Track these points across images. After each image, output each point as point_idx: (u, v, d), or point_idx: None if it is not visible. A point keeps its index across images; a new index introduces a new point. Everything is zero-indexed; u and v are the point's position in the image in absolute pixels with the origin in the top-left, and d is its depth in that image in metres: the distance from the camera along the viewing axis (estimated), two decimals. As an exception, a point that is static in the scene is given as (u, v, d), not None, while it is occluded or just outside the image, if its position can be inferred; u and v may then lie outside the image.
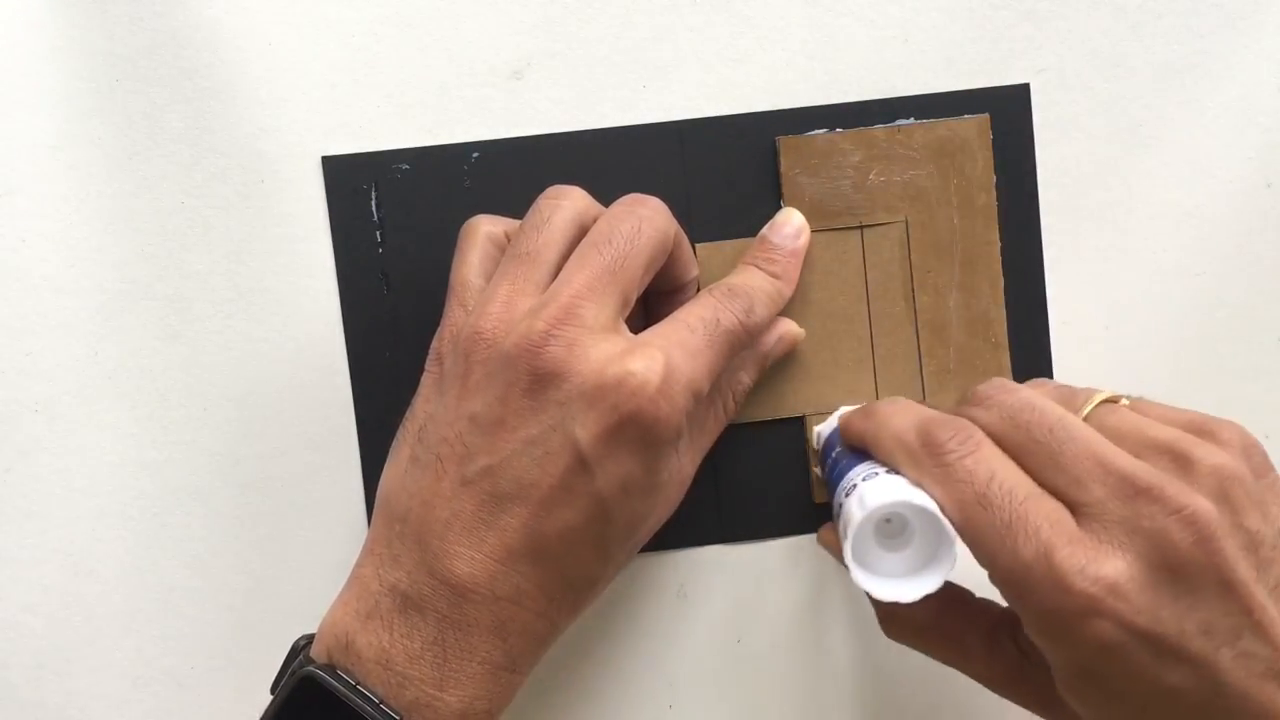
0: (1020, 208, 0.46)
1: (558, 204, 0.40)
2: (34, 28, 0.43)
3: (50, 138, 0.44)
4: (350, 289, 0.45)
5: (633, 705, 0.46)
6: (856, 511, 0.36)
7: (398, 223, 0.45)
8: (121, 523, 0.45)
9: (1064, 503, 0.34)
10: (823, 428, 0.45)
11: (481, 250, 0.41)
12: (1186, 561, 0.32)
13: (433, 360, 0.40)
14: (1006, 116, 0.46)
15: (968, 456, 0.35)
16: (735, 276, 0.43)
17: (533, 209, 0.40)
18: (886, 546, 0.37)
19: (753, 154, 0.45)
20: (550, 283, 0.38)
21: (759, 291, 0.42)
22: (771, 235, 0.44)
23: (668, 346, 0.37)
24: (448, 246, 0.42)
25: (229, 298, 0.45)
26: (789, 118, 0.45)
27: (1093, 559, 0.33)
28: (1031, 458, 0.35)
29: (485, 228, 0.41)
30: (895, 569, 0.37)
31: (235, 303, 0.45)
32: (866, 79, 0.45)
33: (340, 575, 0.39)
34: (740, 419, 0.45)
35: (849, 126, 0.45)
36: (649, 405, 0.36)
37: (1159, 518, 0.33)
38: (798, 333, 0.45)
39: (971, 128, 0.45)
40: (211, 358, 0.45)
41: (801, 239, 0.45)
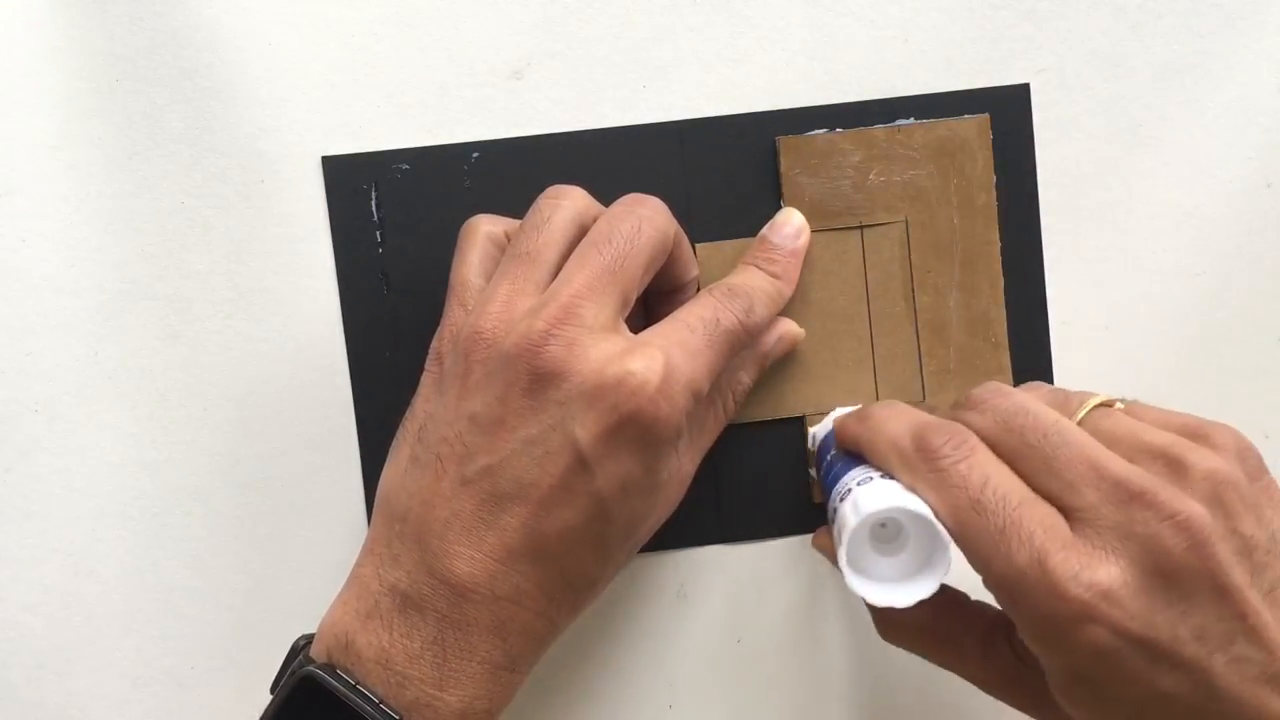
0: (1020, 208, 0.46)
1: (558, 204, 0.40)
2: (34, 28, 0.43)
3: (50, 138, 0.44)
4: (350, 289, 0.45)
5: (633, 705, 0.46)
6: (851, 517, 0.36)
7: (398, 223, 0.45)
8: (121, 523, 0.45)
9: (1058, 508, 0.34)
10: (817, 430, 0.45)
11: (481, 250, 0.41)
12: (1180, 567, 0.32)
13: (432, 360, 0.40)
14: (1006, 116, 0.46)
15: (962, 461, 0.35)
16: (735, 276, 0.43)
17: (533, 209, 0.40)
18: (881, 551, 0.37)
19: (753, 154, 0.45)
20: (550, 282, 0.38)
21: (759, 291, 0.42)
22: (771, 235, 0.44)
23: (667, 346, 0.37)
24: (448, 246, 0.42)
25: (229, 298, 0.45)
26: (789, 118, 0.45)
27: (1086, 565, 0.33)
28: (1025, 462, 0.35)
29: (485, 227, 0.41)
30: (890, 573, 0.37)
31: (235, 303, 0.45)
32: (866, 79, 0.45)
33: (340, 575, 0.39)
34: (740, 419, 0.45)
35: (849, 126, 0.45)
36: (649, 405, 0.36)
37: (1153, 523, 0.33)
38: (798, 333, 0.45)
39: (971, 128, 0.45)
40: (211, 358, 0.45)
41: (801, 239, 0.45)
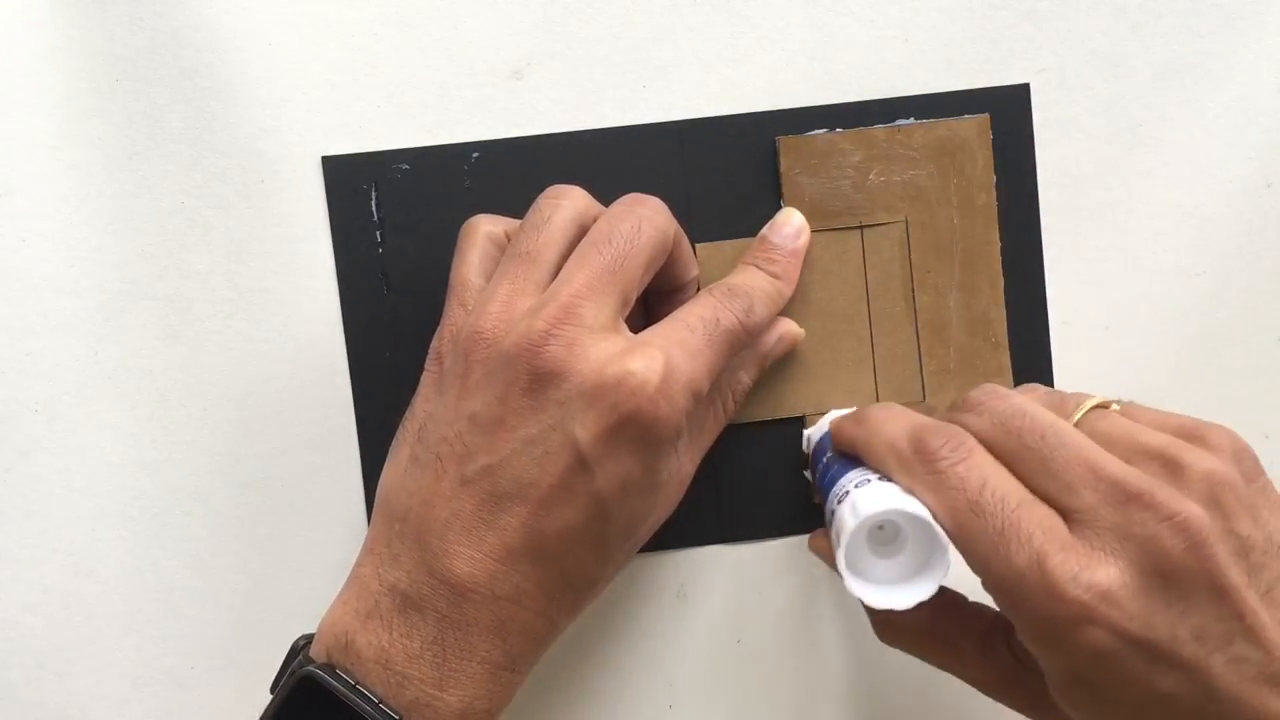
0: (1020, 208, 0.46)
1: (558, 204, 0.40)
2: (34, 28, 0.43)
3: (50, 138, 0.44)
4: (350, 289, 0.45)
5: (633, 705, 0.46)
6: (849, 519, 0.36)
7: (398, 223, 0.45)
8: (121, 523, 0.45)
9: (1056, 509, 0.34)
10: (812, 431, 0.45)
11: (481, 250, 0.41)
12: (1178, 568, 0.32)
13: (432, 360, 0.40)
14: (1006, 116, 0.46)
15: (960, 463, 0.35)
16: (735, 276, 0.43)
17: (533, 209, 0.40)
18: (879, 553, 0.37)
19: (753, 154, 0.45)
20: (550, 282, 0.38)
21: (759, 291, 0.42)
22: (771, 235, 0.44)
23: (667, 346, 0.37)
24: (448, 246, 0.42)
25: (229, 298, 0.45)
26: (789, 118, 0.45)
27: (1085, 566, 0.32)
28: (1023, 464, 0.35)
29: (485, 227, 0.41)
30: (888, 575, 0.37)
31: (235, 303, 0.45)
32: (866, 79, 0.45)
33: (340, 575, 0.39)
34: (740, 419, 0.45)
35: (849, 126, 0.45)
36: (648, 405, 0.36)
37: (1151, 524, 0.32)
38: (798, 332, 0.45)
39: (971, 128, 0.45)
40: (211, 358, 0.45)
41: (801, 239, 0.44)
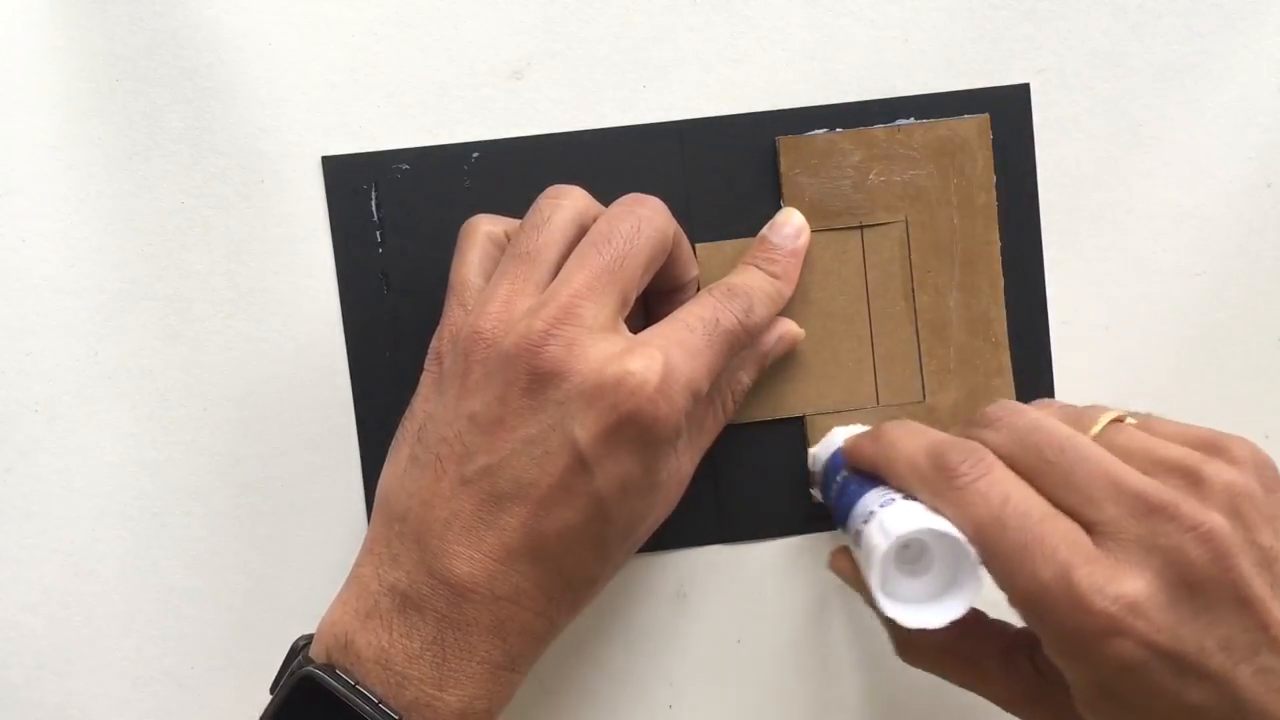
0: (1020, 208, 0.46)
1: (558, 204, 0.40)
2: (34, 28, 0.43)
3: (50, 138, 0.44)
4: (350, 289, 0.45)
5: (633, 705, 0.46)
6: (879, 540, 0.35)
7: (398, 223, 0.45)
8: (121, 523, 0.45)
9: (1078, 523, 0.34)
10: (819, 450, 0.45)
11: (481, 250, 0.41)
12: (1204, 579, 0.32)
13: (432, 360, 0.40)
14: (1006, 116, 0.46)
15: (980, 479, 0.35)
16: (735, 276, 0.43)
17: (533, 209, 0.40)
18: (905, 572, 0.37)
19: (753, 154, 0.45)
20: (550, 282, 0.38)
21: (759, 291, 0.42)
22: (771, 235, 0.44)
23: (667, 346, 0.37)
24: (448, 246, 0.42)
25: (229, 298, 0.45)
26: (789, 118, 0.45)
27: (1111, 578, 0.32)
28: (1044, 478, 0.35)
29: (485, 227, 0.41)
30: (915, 595, 0.36)
31: (235, 303, 0.45)
32: (866, 79, 0.45)
33: (340, 575, 0.39)
34: (740, 419, 0.45)
35: (849, 126, 0.45)
36: (648, 405, 0.36)
37: (1175, 535, 0.32)
38: (797, 332, 0.45)
39: (971, 128, 0.45)
40: (211, 358, 0.45)
41: (801, 239, 0.44)
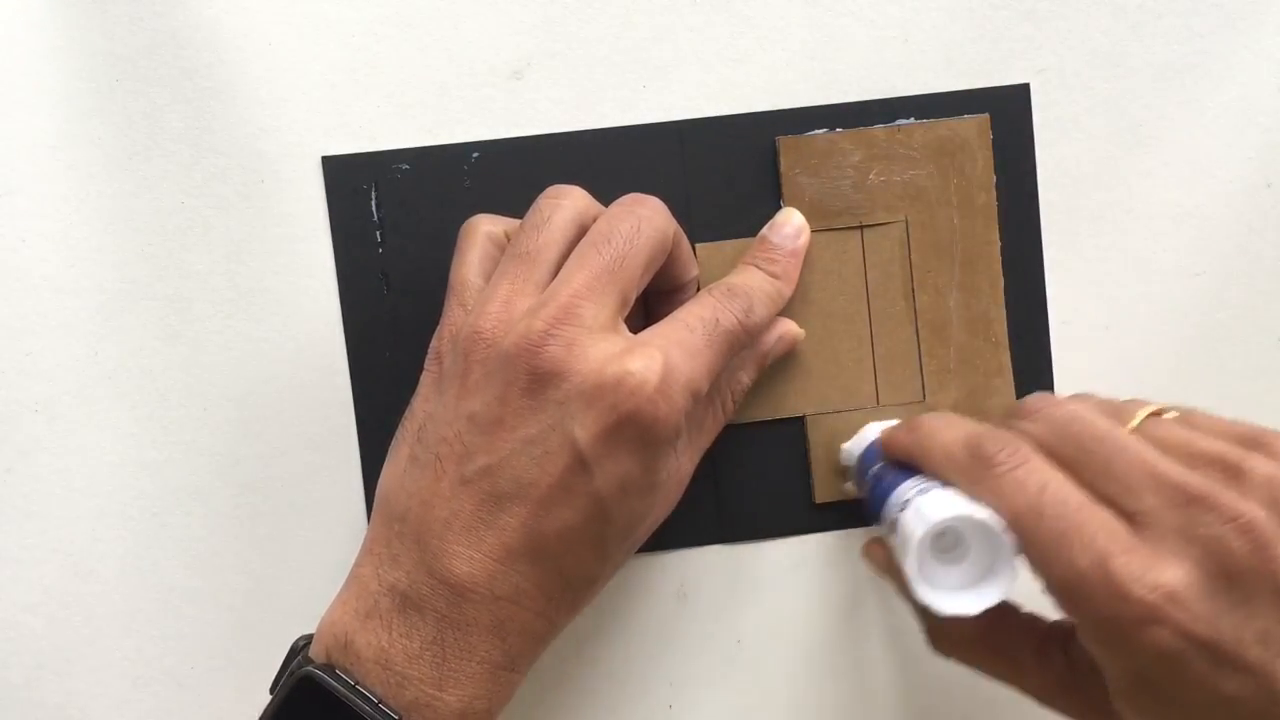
0: (1020, 208, 0.46)
1: (558, 204, 0.40)
2: (34, 28, 0.43)
3: (50, 138, 0.44)
4: (350, 289, 0.45)
5: (633, 705, 0.46)
6: (916, 525, 0.36)
7: (398, 223, 0.45)
8: (121, 523, 0.45)
9: (1116, 512, 0.34)
10: (852, 445, 0.45)
11: (481, 250, 0.41)
12: (1243, 569, 0.32)
13: (432, 359, 0.40)
14: (1006, 116, 0.46)
15: (1019, 468, 0.35)
16: (735, 276, 0.43)
17: (533, 209, 0.40)
18: (940, 560, 0.37)
19: (753, 154, 0.45)
20: (550, 282, 0.38)
21: (759, 291, 0.42)
22: (771, 235, 0.44)
23: (666, 346, 0.37)
24: (448, 246, 0.42)
25: (229, 298, 0.45)
26: (789, 118, 0.45)
27: (1150, 566, 0.32)
28: (1082, 469, 0.35)
29: (485, 227, 0.41)
30: (952, 582, 0.36)
31: (235, 303, 0.45)
32: (866, 79, 0.45)
33: (340, 575, 0.39)
34: (740, 419, 0.45)
35: (849, 126, 0.45)
36: (647, 405, 0.36)
37: (1214, 525, 0.32)
38: (797, 332, 0.45)
39: (971, 128, 0.45)
40: (211, 358, 0.45)
41: (801, 239, 0.44)
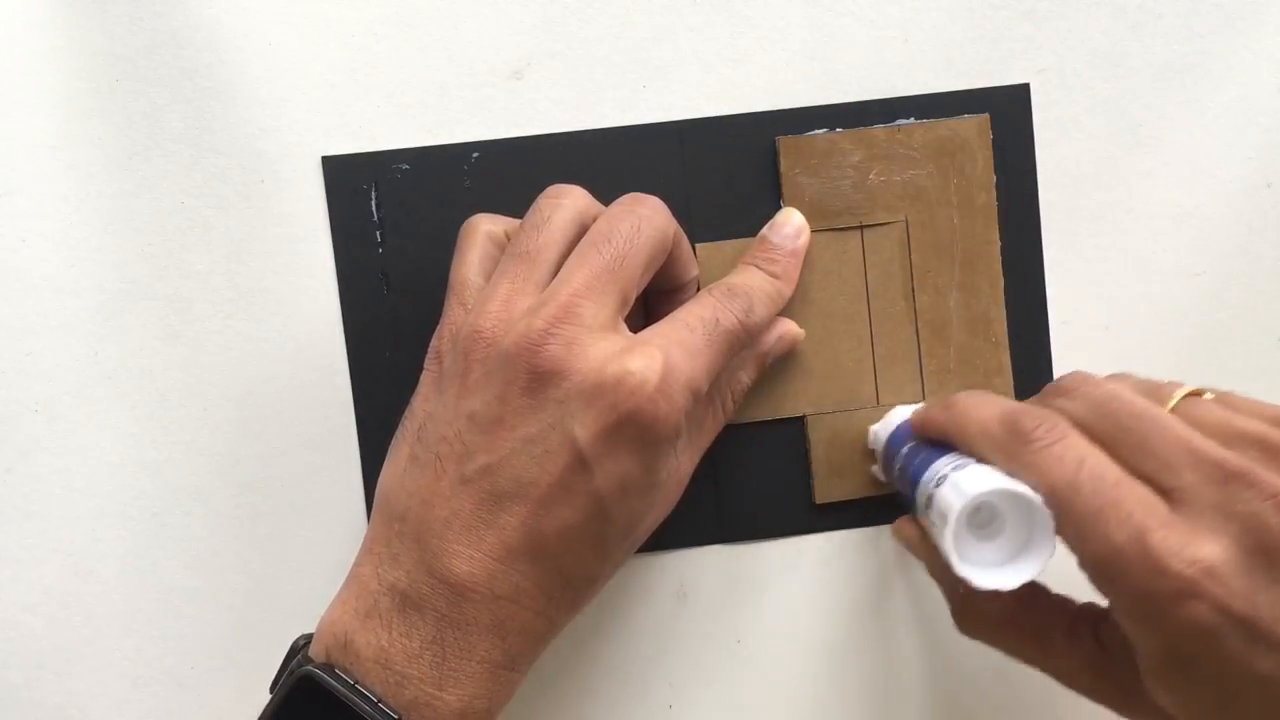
0: (1020, 208, 0.46)
1: (558, 203, 0.40)
2: (34, 28, 0.43)
3: (50, 138, 0.44)
4: (350, 289, 0.45)
5: (633, 705, 0.46)
6: (954, 500, 0.36)
7: (398, 223, 0.45)
8: (121, 523, 0.45)
9: (1154, 489, 0.34)
10: (879, 427, 0.45)
11: (481, 249, 0.41)
12: None
13: (432, 359, 0.40)
14: (1006, 116, 0.46)
15: (1056, 444, 0.35)
16: (735, 276, 0.43)
17: (533, 208, 0.40)
18: (976, 536, 0.37)
19: (753, 154, 0.45)
20: (550, 282, 0.38)
21: (759, 291, 0.42)
22: (771, 235, 0.44)
23: (667, 345, 0.37)
24: (448, 246, 0.42)
25: (229, 298, 0.45)
26: (789, 118, 0.45)
27: (1188, 542, 0.32)
28: (1120, 446, 0.35)
29: (485, 227, 0.41)
30: (987, 559, 0.36)
31: (235, 303, 0.45)
32: (866, 79, 0.45)
33: (340, 575, 0.39)
34: (740, 419, 0.45)
35: (849, 126, 0.45)
36: (647, 404, 0.36)
37: (1253, 501, 0.32)
38: (797, 332, 0.45)
39: (971, 128, 0.45)
40: (211, 358, 0.45)
41: (801, 239, 0.45)
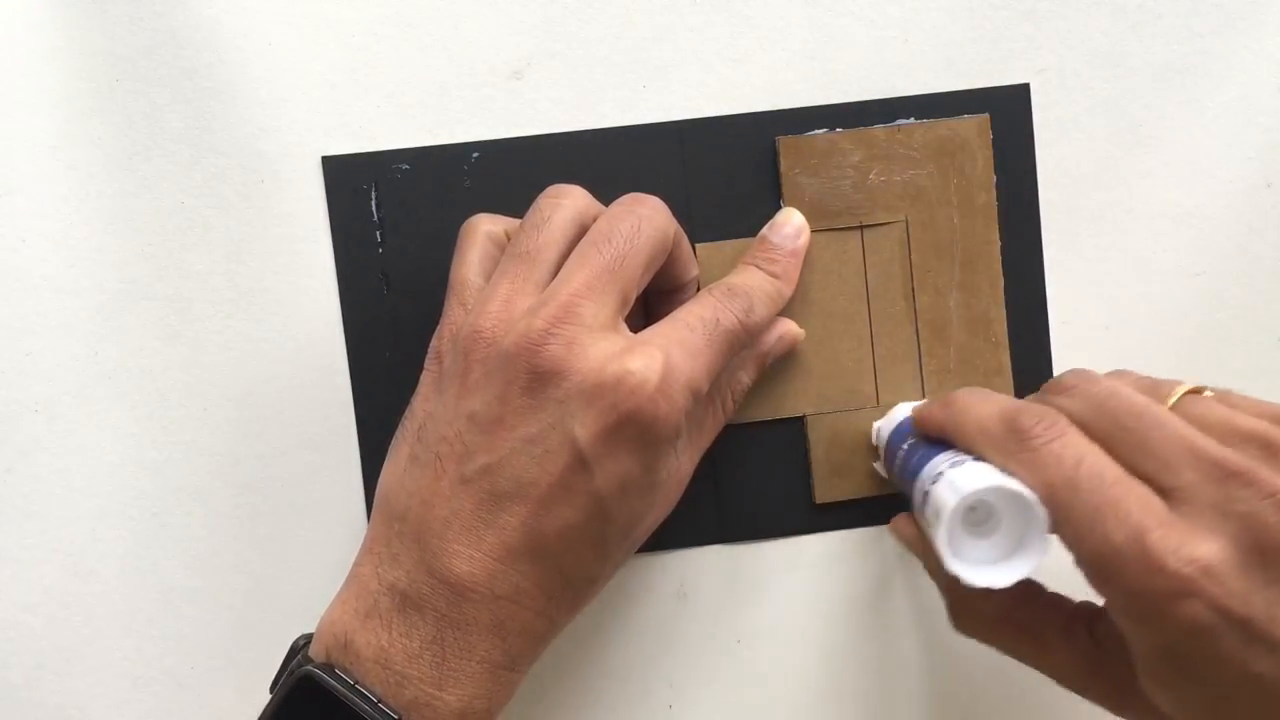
0: (1020, 208, 0.46)
1: (558, 203, 0.40)
2: (34, 28, 0.43)
3: (50, 138, 0.44)
4: (350, 289, 0.45)
5: (633, 705, 0.46)
6: (949, 497, 0.36)
7: (398, 223, 0.45)
8: (121, 523, 0.45)
9: (1153, 488, 0.34)
10: (883, 424, 0.45)
11: (481, 249, 0.41)
12: (1279, 546, 0.32)
13: (432, 359, 0.40)
14: (1006, 116, 0.46)
15: (1054, 441, 0.35)
16: (735, 276, 0.43)
17: (533, 208, 0.40)
18: (971, 534, 0.37)
19: (753, 154, 0.45)
20: (550, 282, 0.38)
21: (759, 291, 0.42)
22: (771, 235, 0.44)
23: (667, 345, 0.37)
24: (448, 246, 0.42)
25: (229, 298, 0.45)
26: (789, 118, 0.45)
27: (1185, 540, 0.32)
28: (1119, 444, 0.35)
29: (485, 226, 0.41)
30: (982, 556, 0.36)
31: (235, 303, 0.45)
32: (866, 79, 0.45)
33: (340, 575, 0.39)
34: (740, 419, 0.45)
35: (849, 126, 0.45)
36: (648, 404, 0.36)
37: (1252, 500, 0.32)
38: (797, 332, 0.45)
39: (971, 128, 0.45)
40: (211, 358, 0.45)
41: (801, 239, 0.45)
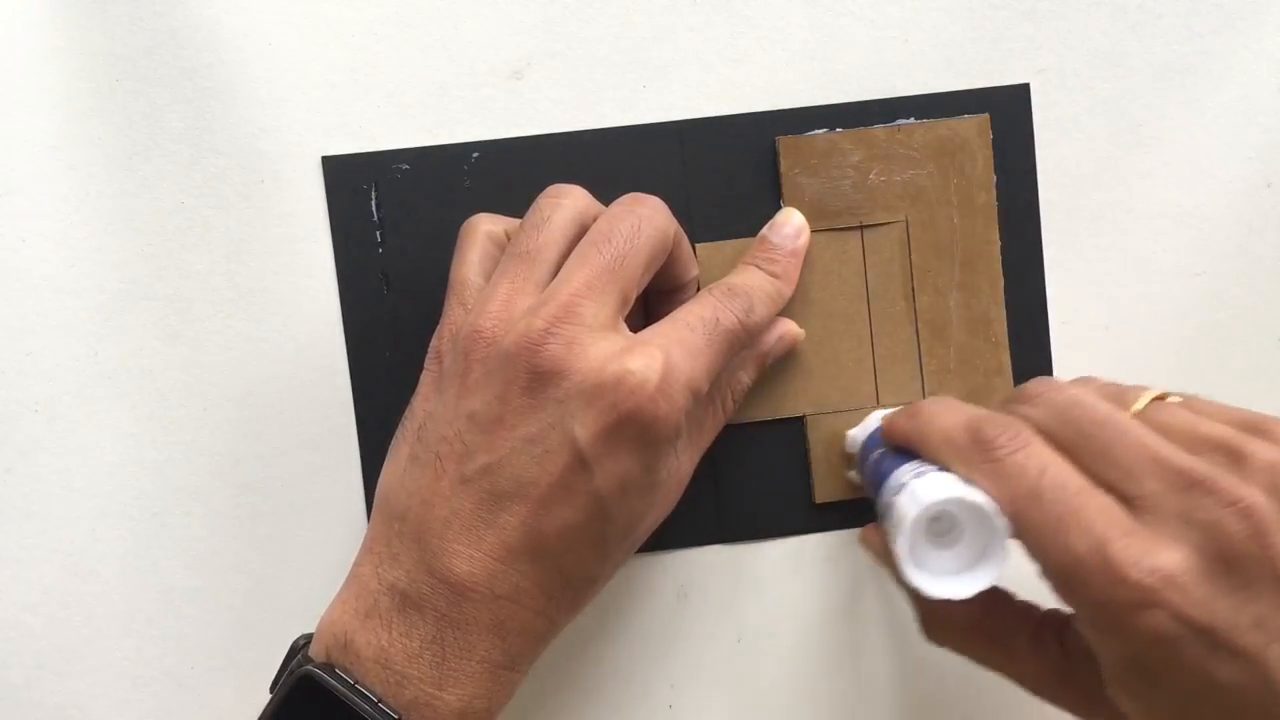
0: (1020, 208, 0.46)
1: (558, 203, 0.40)
2: (34, 28, 0.43)
3: (50, 138, 0.44)
4: (350, 289, 0.45)
5: (633, 705, 0.46)
6: (909, 508, 0.36)
7: (398, 223, 0.45)
8: (121, 523, 0.45)
9: (1116, 497, 0.34)
10: (856, 432, 0.45)
11: (481, 249, 0.41)
12: (1242, 554, 0.32)
13: (432, 359, 0.40)
14: (1006, 116, 0.46)
15: (1018, 452, 0.35)
16: (735, 276, 0.43)
17: (533, 208, 0.40)
18: (935, 545, 0.37)
19: (753, 154, 0.45)
20: (550, 282, 0.38)
21: (759, 291, 0.42)
22: (771, 235, 0.44)
23: (667, 345, 0.37)
24: (448, 246, 0.42)
25: (229, 298, 0.45)
26: (789, 118, 0.45)
27: (1148, 550, 0.32)
28: (1083, 453, 0.35)
29: (485, 226, 0.41)
30: (945, 567, 0.36)
31: (235, 303, 0.45)
32: (866, 79, 0.45)
33: (340, 575, 0.39)
34: (740, 419, 0.45)
35: (849, 126, 0.45)
36: (648, 404, 0.36)
37: (1214, 509, 0.32)
38: (797, 333, 0.45)
39: (971, 128, 0.45)
40: (211, 358, 0.45)
41: (801, 239, 0.45)
